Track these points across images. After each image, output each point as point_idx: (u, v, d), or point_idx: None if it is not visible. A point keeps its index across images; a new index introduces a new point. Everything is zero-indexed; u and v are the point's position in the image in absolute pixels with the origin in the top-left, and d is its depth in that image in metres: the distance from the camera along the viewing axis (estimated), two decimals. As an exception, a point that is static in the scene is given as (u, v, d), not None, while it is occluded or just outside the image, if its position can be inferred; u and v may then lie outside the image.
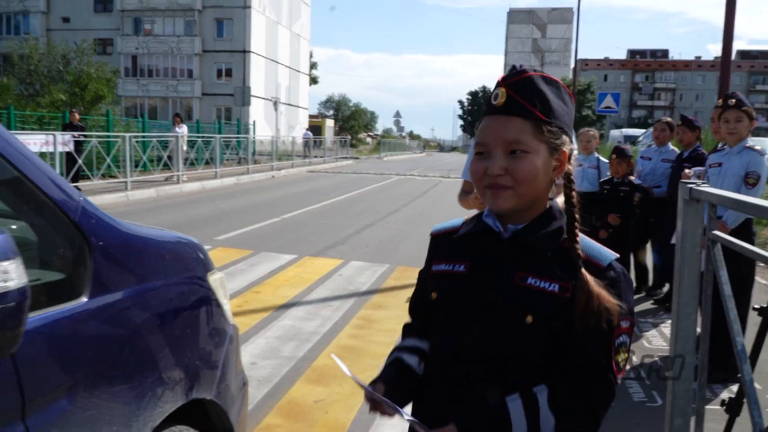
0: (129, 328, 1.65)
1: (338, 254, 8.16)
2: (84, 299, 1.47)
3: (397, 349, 1.41)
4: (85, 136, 14.99)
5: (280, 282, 6.59)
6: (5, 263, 0.92)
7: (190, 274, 2.02)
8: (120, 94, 38.84)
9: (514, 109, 1.19)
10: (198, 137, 20.67)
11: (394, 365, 1.37)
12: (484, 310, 1.22)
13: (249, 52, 44.28)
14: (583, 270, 1.17)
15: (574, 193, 1.26)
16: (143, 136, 17.83)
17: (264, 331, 4.95)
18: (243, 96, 25.35)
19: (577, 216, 1.24)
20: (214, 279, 2.17)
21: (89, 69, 26.51)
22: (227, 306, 2.26)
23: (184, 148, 17.51)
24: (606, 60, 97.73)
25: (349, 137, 49.27)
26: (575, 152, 1.31)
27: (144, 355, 1.70)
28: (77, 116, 16.12)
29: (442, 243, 1.38)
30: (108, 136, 16.06)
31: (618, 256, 1.24)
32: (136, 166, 16.21)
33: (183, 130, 17.89)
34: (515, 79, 1.21)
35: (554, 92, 1.23)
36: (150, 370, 1.71)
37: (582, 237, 1.24)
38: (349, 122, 77.62)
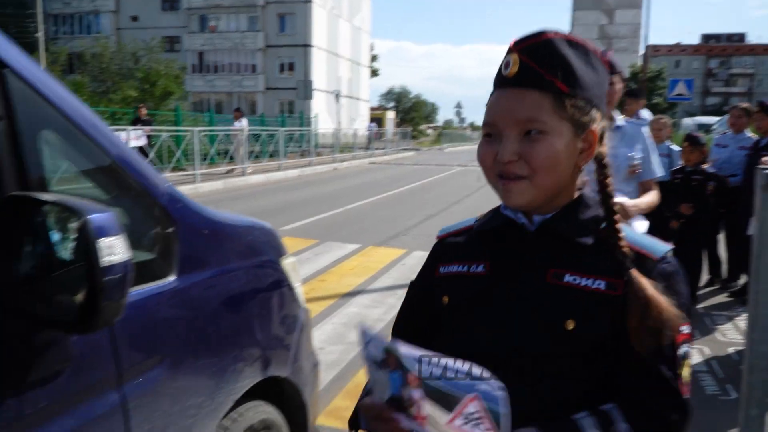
0: (211, 307, 1.75)
1: (401, 244, 8.22)
2: (171, 278, 1.57)
3: None
4: (154, 130, 15.60)
5: (345, 271, 6.71)
6: (111, 239, 1.01)
7: (265, 258, 2.11)
8: (187, 90, 40.06)
9: (529, 79, 0.98)
10: (262, 131, 21.14)
11: None
12: (510, 316, 1.01)
13: (310, 46, 44.89)
14: (635, 272, 0.97)
15: (609, 180, 1.05)
16: (210, 130, 18.38)
17: (330, 318, 5.07)
18: (305, 90, 25.73)
19: (616, 209, 1.04)
20: (286, 263, 2.26)
21: (158, 66, 27.50)
22: (299, 289, 2.34)
23: (243, 141, 17.88)
24: (678, 45, 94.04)
25: (410, 129, 49.31)
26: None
27: (225, 332, 1.80)
28: (145, 111, 16.75)
29: (451, 245, 1.17)
30: (177, 131, 16.64)
31: (672, 247, 1.04)
32: (204, 159, 16.74)
33: (243, 123, 18.27)
34: (531, 43, 1.00)
35: (581, 57, 1.01)
36: (230, 347, 1.81)
37: (628, 229, 1.05)
38: (409, 114, 77.67)
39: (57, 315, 1.08)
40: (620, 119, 3.02)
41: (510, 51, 1.01)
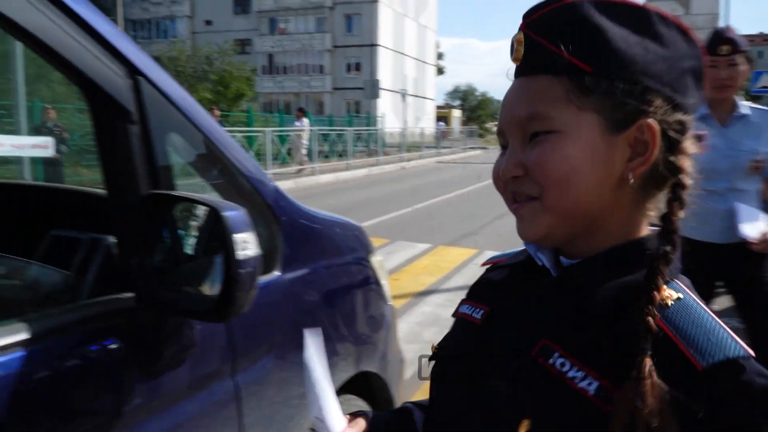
0: (310, 301, 1.82)
1: (472, 244, 8.20)
2: (277, 273, 1.64)
3: (412, 402, 1.00)
4: (228, 131, 16.08)
5: (418, 270, 6.75)
6: (245, 234, 1.07)
7: (357, 255, 2.17)
8: (258, 91, 41.07)
9: (536, 61, 0.69)
10: (331, 131, 21.45)
11: (397, 411, 0.98)
12: (472, 390, 0.74)
13: (377, 45, 45.20)
14: (648, 365, 0.60)
15: (677, 210, 0.68)
16: (281, 131, 18.81)
17: (405, 317, 5.11)
18: (372, 89, 25.90)
19: (671, 257, 0.66)
20: (375, 260, 2.31)
21: (230, 68, 28.34)
22: (387, 286, 2.39)
23: (304, 141, 18.18)
24: (761, 35, 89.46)
25: (476, 127, 48.97)
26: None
27: (322, 326, 1.86)
28: (218, 113, 17.25)
29: (483, 280, 0.91)
30: (249, 131, 17.10)
31: (752, 354, 0.61)
32: (275, 159, 17.15)
33: (303, 123, 18.57)
34: (543, 12, 0.70)
35: (628, 23, 0.68)
36: (327, 341, 1.86)
37: (687, 303, 0.65)
38: (475, 112, 77.08)
39: (190, 305, 1.16)
40: (745, 106, 2.65)
41: (519, 29, 0.73)
